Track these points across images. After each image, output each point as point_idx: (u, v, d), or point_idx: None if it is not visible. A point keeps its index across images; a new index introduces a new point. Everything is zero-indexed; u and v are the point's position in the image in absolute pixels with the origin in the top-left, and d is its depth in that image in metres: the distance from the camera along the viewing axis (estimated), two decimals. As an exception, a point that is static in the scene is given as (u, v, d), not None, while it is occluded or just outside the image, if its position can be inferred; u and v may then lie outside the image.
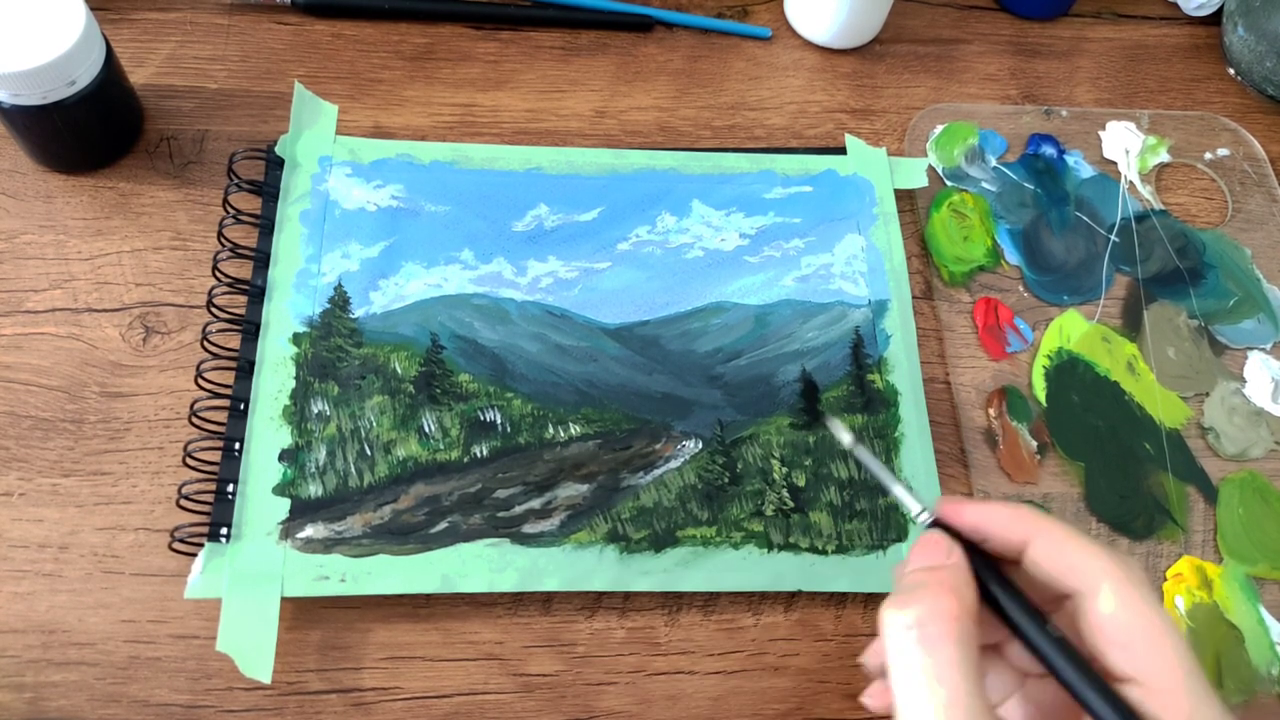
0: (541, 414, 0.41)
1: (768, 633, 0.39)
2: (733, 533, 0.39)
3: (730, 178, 0.48)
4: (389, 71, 0.50)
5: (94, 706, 0.34)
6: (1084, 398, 0.44)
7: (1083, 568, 0.27)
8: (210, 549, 0.36)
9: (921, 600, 0.27)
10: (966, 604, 0.27)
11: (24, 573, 0.36)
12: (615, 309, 0.44)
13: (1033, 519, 0.29)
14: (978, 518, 0.29)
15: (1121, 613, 0.26)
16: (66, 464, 0.38)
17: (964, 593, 0.27)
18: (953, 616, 0.26)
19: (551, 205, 0.46)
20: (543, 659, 0.37)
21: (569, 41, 0.53)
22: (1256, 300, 0.48)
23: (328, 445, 0.39)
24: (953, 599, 0.27)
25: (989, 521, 0.29)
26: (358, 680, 0.36)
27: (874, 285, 0.45)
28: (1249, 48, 0.55)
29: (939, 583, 0.28)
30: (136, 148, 0.46)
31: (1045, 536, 0.28)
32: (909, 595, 0.27)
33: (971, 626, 0.27)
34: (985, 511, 0.29)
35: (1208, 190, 0.52)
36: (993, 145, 0.52)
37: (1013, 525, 0.29)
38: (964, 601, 0.27)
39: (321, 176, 0.44)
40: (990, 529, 0.29)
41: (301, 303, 0.41)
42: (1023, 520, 0.29)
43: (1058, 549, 0.28)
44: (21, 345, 0.40)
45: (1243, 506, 0.43)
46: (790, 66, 0.54)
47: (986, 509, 0.29)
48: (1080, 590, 0.27)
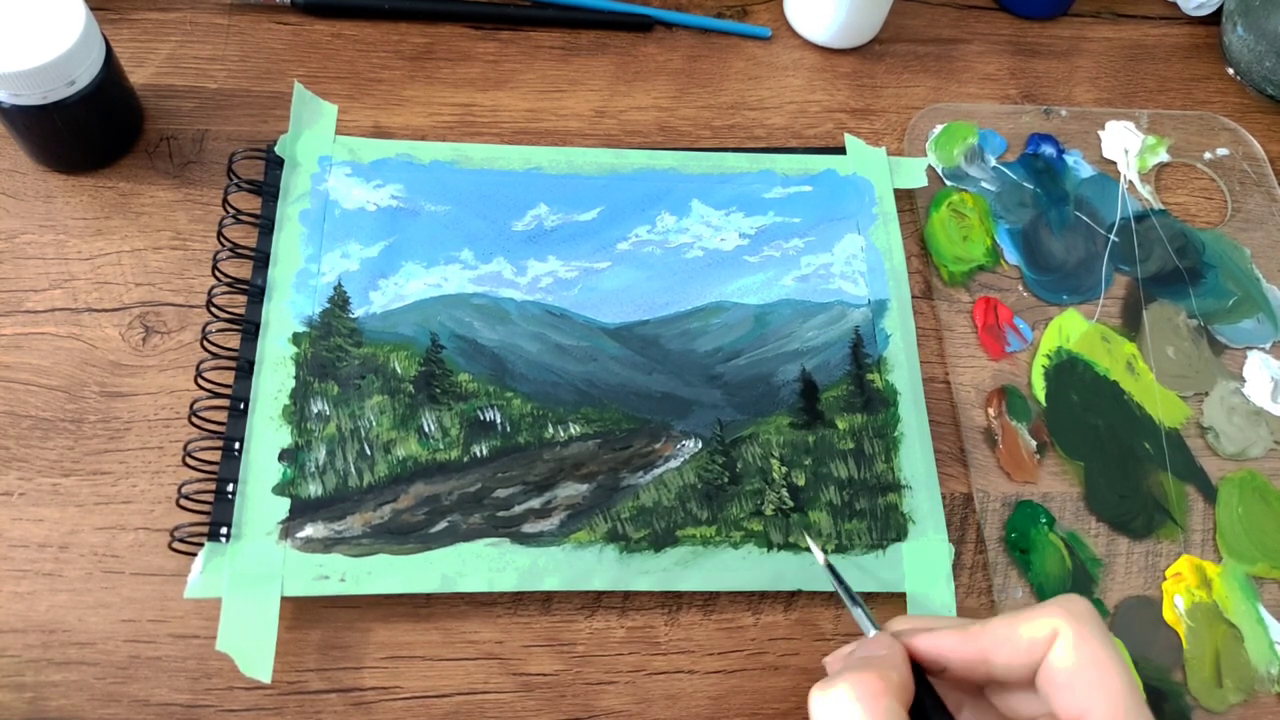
0: (541, 414, 0.41)
1: (767, 632, 0.39)
2: (732, 532, 0.39)
3: (730, 177, 0.48)
4: (389, 71, 0.50)
5: (94, 706, 0.34)
6: (1083, 397, 0.45)
7: (1038, 638, 0.28)
8: (210, 549, 0.36)
9: (847, 680, 0.27)
10: (894, 684, 0.27)
11: (24, 573, 0.36)
12: (615, 309, 0.44)
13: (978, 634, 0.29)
14: (932, 647, 0.29)
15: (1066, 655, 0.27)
16: (66, 464, 0.38)
17: (891, 675, 0.27)
18: (878, 693, 0.27)
19: (551, 205, 0.46)
20: (543, 659, 0.37)
21: (569, 41, 0.53)
22: (1256, 300, 0.48)
23: (328, 445, 0.39)
24: (877, 677, 0.27)
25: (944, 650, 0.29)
26: (358, 680, 0.36)
27: (874, 285, 0.46)
28: (1248, 47, 0.55)
29: (865, 664, 0.28)
30: (136, 148, 0.46)
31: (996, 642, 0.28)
32: (835, 676, 0.28)
33: (897, 705, 0.27)
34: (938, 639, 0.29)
35: (1207, 190, 0.52)
36: (992, 145, 0.52)
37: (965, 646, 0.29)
38: (891, 681, 0.27)
39: (321, 176, 0.45)
40: (946, 656, 0.29)
41: (301, 302, 0.41)
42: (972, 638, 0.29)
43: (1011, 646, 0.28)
44: (21, 345, 0.40)
45: (1242, 506, 0.43)
46: (790, 66, 0.54)
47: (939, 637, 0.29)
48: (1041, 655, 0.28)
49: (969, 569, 0.41)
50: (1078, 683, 0.27)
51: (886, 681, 0.27)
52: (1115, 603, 0.40)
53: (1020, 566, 0.40)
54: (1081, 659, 0.27)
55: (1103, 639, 0.28)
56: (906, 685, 0.28)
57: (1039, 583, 0.40)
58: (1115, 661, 0.27)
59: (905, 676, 0.28)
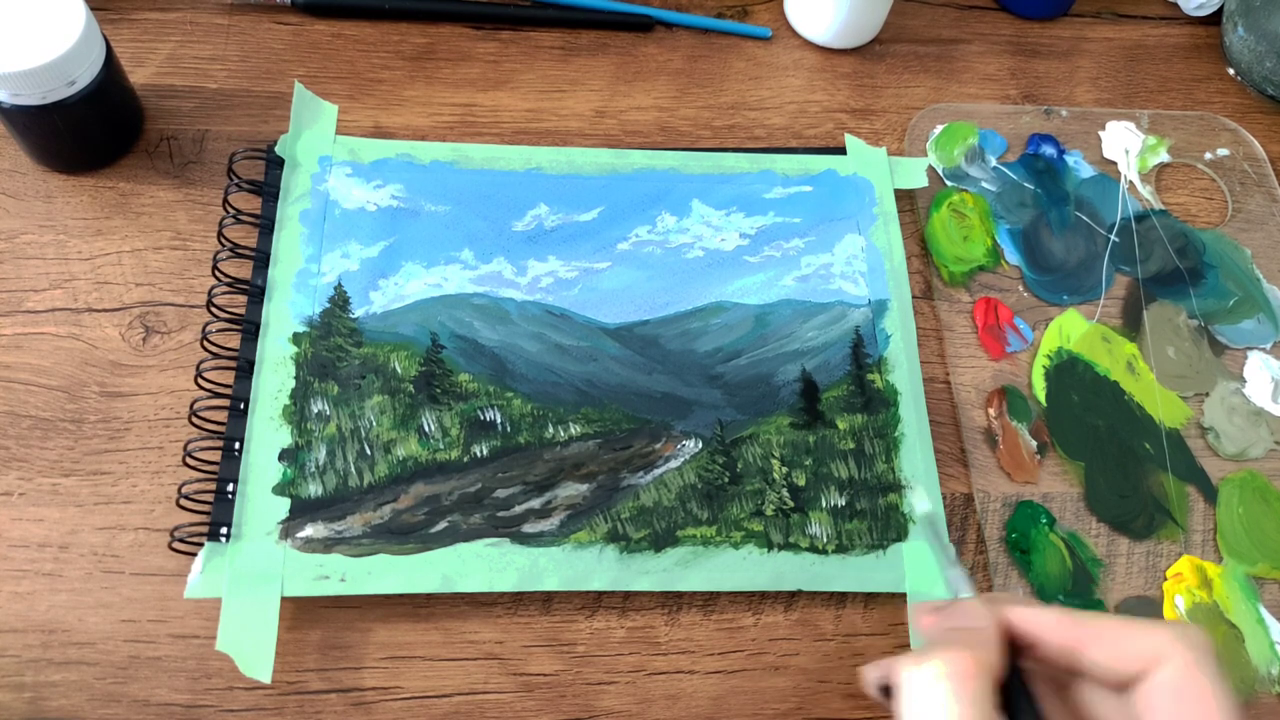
0: (541, 414, 0.41)
1: (768, 632, 0.39)
2: (733, 532, 0.39)
3: (730, 178, 0.48)
4: (389, 71, 0.50)
5: (94, 706, 0.34)
6: (1084, 397, 0.44)
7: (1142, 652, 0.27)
8: (210, 549, 0.36)
9: (941, 655, 0.26)
10: (985, 664, 0.27)
11: (24, 573, 0.36)
12: (615, 309, 0.44)
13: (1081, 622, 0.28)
14: (1030, 622, 0.29)
15: (1173, 683, 0.26)
16: (66, 464, 0.38)
17: (984, 654, 0.27)
18: (971, 674, 0.26)
19: (551, 205, 0.46)
20: (543, 659, 0.37)
21: (569, 41, 0.53)
22: (1256, 300, 0.48)
23: (328, 445, 0.39)
24: (969, 657, 0.26)
25: (1041, 627, 0.28)
26: (358, 680, 0.36)
27: (874, 285, 0.45)
28: (1249, 48, 0.55)
29: (961, 641, 0.27)
30: (136, 148, 0.46)
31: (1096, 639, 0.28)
32: (928, 651, 0.27)
33: (988, 686, 0.26)
34: (1038, 615, 0.29)
35: (1208, 190, 0.52)
36: (993, 145, 0.52)
37: (1061, 631, 0.28)
38: (983, 662, 0.26)
39: (321, 176, 0.45)
40: (1043, 635, 0.28)
41: (301, 302, 0.41)
42: (1071, 626, 0.28)
43: (1115, 647, 0.27)
44: (21, 345, 0.40)
45: (1242, 506, 0.43)
46: (790, 66, 0.54)
47: (1039, 613, 0.29)
48: (1142, 672, 0.27)
49: (969, 569, 0.41)
50: (1180, 716, 0.26)
51: (979, 663, 0.26)
52: (1115, 603, 0.40)
53: (1021, 567, 0.40)
54: (1189, 692, 0.26)
55: (1214, 677, 0.26)
56: (998, 664, 0.27)
57: (1039, 583, 0.40)
58: (1222, 702, 0.26)
59: (998, 655, 0.27)
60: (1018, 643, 0.29)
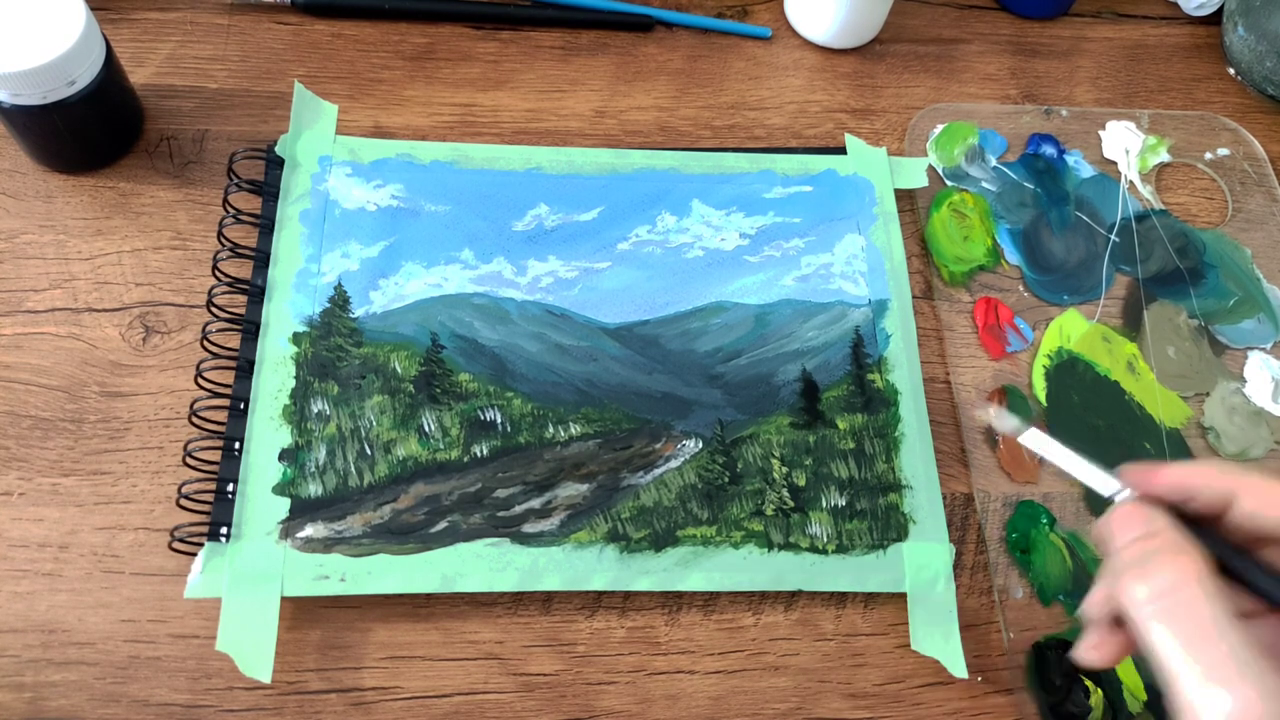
0: (541, 414, 0.41)
1: (768, 632, 0.39)
2: (733, 532, 0.39)
3: (730, 177, 0.48)
4: (389, 71, 0.50)
5: (94, 706, 0.34)
6: (1084, 397, 0.44)
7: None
8: (210, 549, 0.36)
9: (1160, 568, 0.26)
10: (1203, 561, 0.26)
11: (24, 573, 0.36)
12: (615, 309, 0.44)
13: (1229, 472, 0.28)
14: (1177, 477, 0.28)
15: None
16: (66, 464, 0.38)
17: (1192, 549, 0.26)
18: (1195, 577, 0.26)
19: (551, 205, 0.46)
20: (543, 659, 0.37)
21: (569, 41, 0.53)
22: (1256, 300, 0.48)
23: (328, 445, 0.39)
24: (1187, 559, 0.26)
25: (1191, 481, 0.28)
26: (358, 680, 0.36)
27: (874, 285, 0.45)
28: (1249, 47, 0.55)
29: (1167, 547, 0.27)
30: (136, 148, 0.46)
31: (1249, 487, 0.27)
32: (1144, 567, 0.26)
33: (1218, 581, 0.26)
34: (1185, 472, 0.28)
35: (1208, 190, 0.52)
36: (993, 145, 0.52)
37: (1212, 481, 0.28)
38: (1197, 556, 0.26)
39: (321, 176, 0.44)
40: (1193, 485, 0.28)
41: (301, 302, 0.41)
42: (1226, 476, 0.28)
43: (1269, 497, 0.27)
44: (21, 345, 0.40)
45: (1243, 506, 0.43)
46: (790, 66, 0.54)
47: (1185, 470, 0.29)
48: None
49: (970, 569, 0.41)
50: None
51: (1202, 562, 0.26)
52: (1116, 603, 0.40)
53: (1021, 567, 0.40)
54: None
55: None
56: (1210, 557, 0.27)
57: (1040, 583, 0.40)
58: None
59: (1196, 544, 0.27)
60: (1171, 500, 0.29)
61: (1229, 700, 0.23)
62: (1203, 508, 0.28)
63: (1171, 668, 0.25)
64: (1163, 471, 0.29)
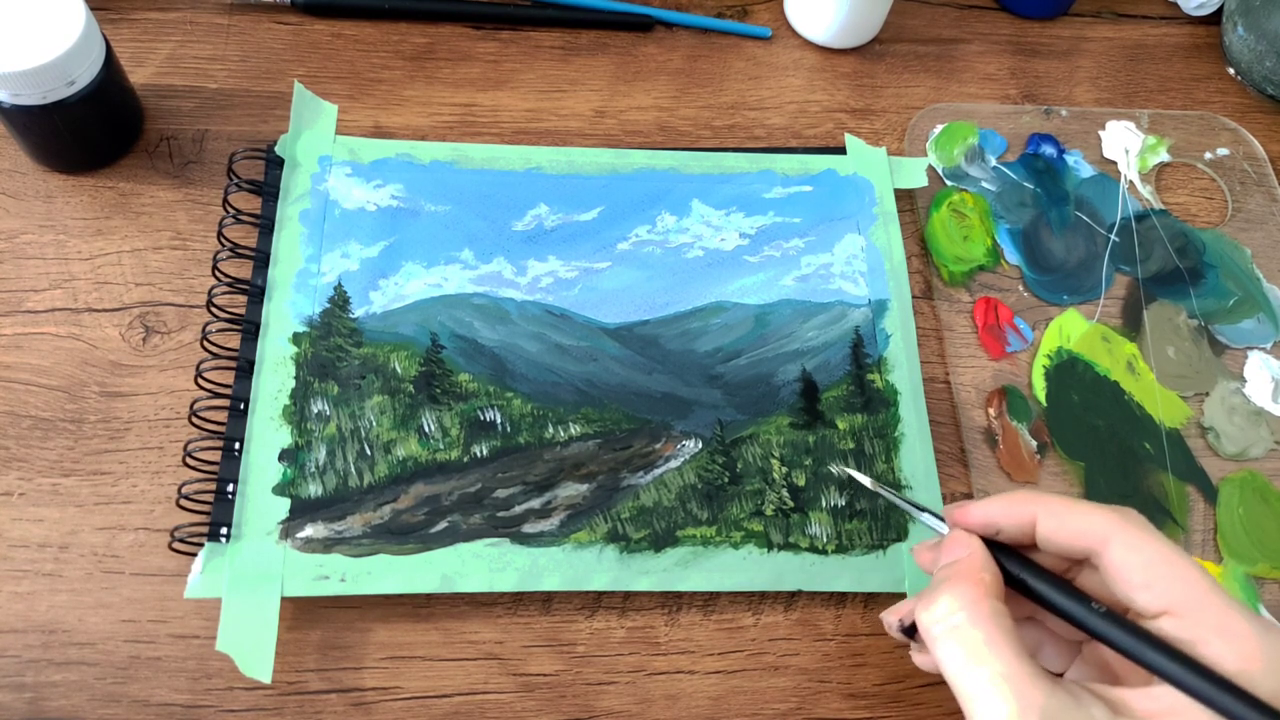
0: (541, 414, 0.41)
1: (768, 633, 0.39)
2: (733, 532, 0.39)
3: (730, 177, 0.48)
4: (389, 71, 0.50)
5: (94, 706, 0.34)
6: (1084, 397, 0.44)
7: (1088, 530, 0.29)
8: (210, 549, 0.36)
9: (943, 594, 0.29)
10: (988, 584, 0.29)
11: (24, 573, 0.36)
12: (615, 309, 0.44)
13: (1032, 499, 0.31)
14: (983, 514, 0.31)
15: (1134, 558, 0.28)
16: (66, 464, 0.38)
17: (981, 574, 0.29)
18: (978, 598, 0.28)
19: (551, 205, 0.46)
20: (543, 659, 0.37)
21: (569, 41, 0.53)
22: (1256, 300, 0.48)
23: (328, 445, 0.39)
24: (969, 583, 0.29)
25: (994, 514, 0.31)
26: (358, 680, 0.36)
27: (874, 285, 0.45)
28: (1249, 47, 0.55)
29: (957, 574, 0.30)
30: (136, 148, 0.46)
31: (1046, 512, 0.30)
32: (931, 594, 0.29)
33: (999, 603, 0.29)
34: (988, 506, 0.31)
35: (1208, 190, 0.52)
36: (993, 145, 0.52)
37: (1015, 510, 0.31)
38: (985, 582, 0.29)
39: (321, 176, 0.45)
40: (998, 520, 0.31)
41: (301, 302, 0.41)
42: (1023, 503, 0.30)
43: (1059, 520, 0.30)
44: (21, 345, 0.40)
45: (1242, 506, 0.43)
46: (790, 66, 0.54)
47: (988, 504, 0.31)
48: (1093, 550, 0.29)
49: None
50: (1153, 580, 0.28)
51: (983, 585, 0.29)
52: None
53: (1020, 567, 0.40)
54: (1147, 558, 0.28)
55: (1160, 537, 0.28)
56: (999, 580, 0.30)
57: (1039, 583, 0.40)
58: (1180, 554, 0.28)
59: (995, 572, 0.30)
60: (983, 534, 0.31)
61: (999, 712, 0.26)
62: (1009, 537, 0.31)
63: (955, 683, 0.28)
64: (971, 509, 0.32)
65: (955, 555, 0.31)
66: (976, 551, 0.30)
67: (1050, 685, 0.27)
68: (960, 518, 0.32)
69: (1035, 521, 0.30)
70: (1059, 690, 0.27)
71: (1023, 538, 0.31)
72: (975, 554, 0.30)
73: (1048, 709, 0.26)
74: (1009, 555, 0.31)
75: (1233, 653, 0.26)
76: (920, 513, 0.35)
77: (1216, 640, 0.26)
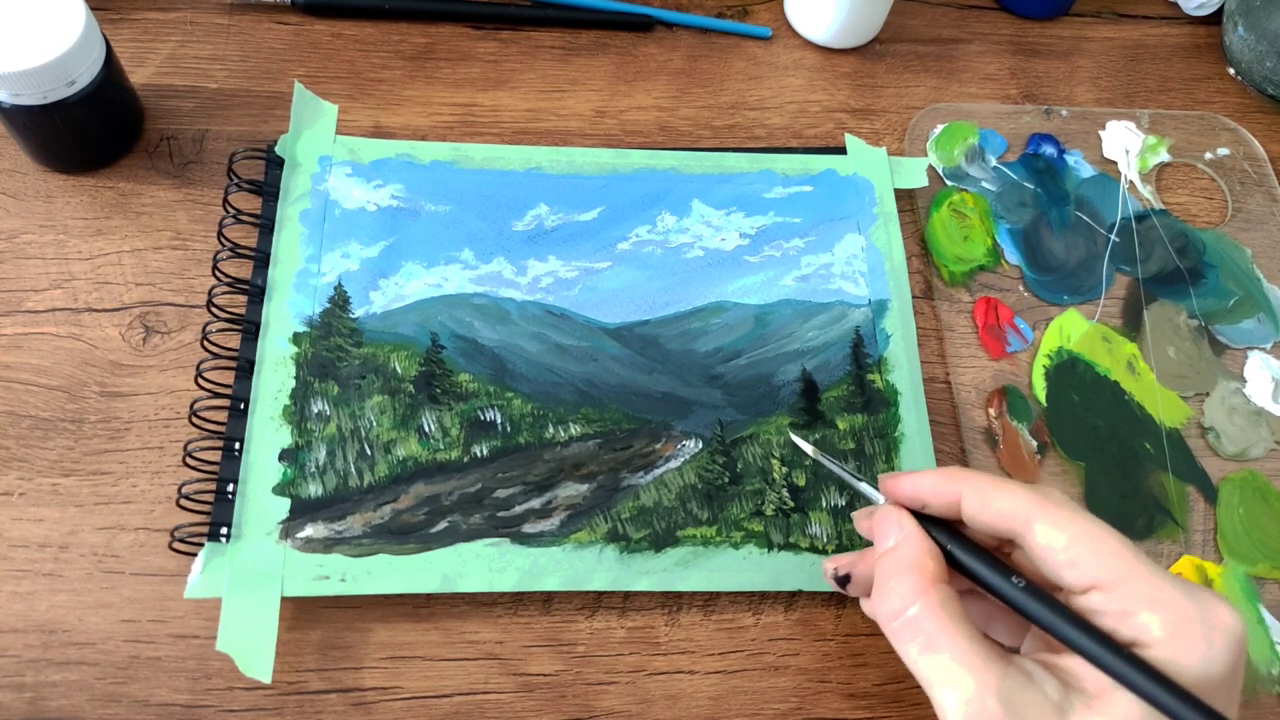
0: (541, 414, 0.41)
1: (768, 633, 0.39)
2: (733, 532, 0.39)
3: (730, 177, 0.48)
4: (389, 71, 0.50)
5: (94, 706, 0.34)
6: (1084, 397, 0.44)
7: (1010, 511, 0.29)
8: (210, 549, 0.36)
9: (893, 589, 0.29)
10: (932, 572, 0.29)
11: (24, 573, 0.36)
12: (615, 309, 0.44)
13: (959, 476, 0.31)
14: (913, 487, 0.32)
15: (1058, 536, 0.28)
16: (66, 464, 0.38)
17: (926, 562, 0.30)
18: (924, 590, 0.29)
19: (551, 205, 0.46)
20: (543, 659, 0.37)
21: (569, 41, 0.53)
22: (1257, 300, 0.48)
23: (328, 445, 0.39)
24: (916, 574, 0.29)
25: (923, 489, 0.31)
26: (358, 680, 0.36)
27: (874, 285, 0.45)
28: (1249, 47, 0.55)
29: (899, 565, 0.30)
30: (136, 148, 0.46)
31: (970, 491, 0.30)
32: (881, 589, 0.30)
33: (946, 586, 0.29)
34: (918, 480, 0.32)
35: (1208, 190, 0.52)
36: (993, 145, 0.52)
37: (942, 486, 0.31)
38: (928, 571, 0.29)
39: (321, 176, 0.44)
40: (925, 495, 0.31)
41: (301, 302, 0.41)
42: (951, 479, 0.31)
43: (983, 501, 0.30)
44: (21, 345, 0.40)
45: (1243, 506, 0.43)
46: (790, 66, 0.54)
47: (919, 477, 0.32)
48: (1017, 531, 0.29)
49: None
50: (1077, 557, 0.28)
51: (928, 574, 0.29)
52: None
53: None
54: (1071, 535, 0.28)
55: (1082, 513, 0.29)
56: (942, 564, 0.30)
57: (1039, 583, 0.40)
58: (1103, 528, 0.28)
59: (937, 556, 0.30)
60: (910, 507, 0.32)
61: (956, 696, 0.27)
62: (937, 512, 0.31)
63: (914, 671, 0.29)
64: (900, 481, 0.32)
65: (889, 536, 0.31)
66: (913, 534, 0.31)
67: (1004, 666, 0.27)
68: (892, 488, 0.32)
69: (958, 501, 0.30)
70: (1012, 669, 0.27)
71: (950, 513, 0.31)
72: (913, 537, 0.31)
73: (1003, 689, 0.27)
74: (938, 527, 0.31)
75: (1162, 620, 0.26)
76: (858, 482, 0.35)
77: (1144, 609, 0.27)
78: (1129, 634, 0.27)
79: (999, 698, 0.27)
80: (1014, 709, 0.26)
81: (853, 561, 0.34)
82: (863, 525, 0.35)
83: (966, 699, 0.27)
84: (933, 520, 0.31)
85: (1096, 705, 0.27)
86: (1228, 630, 0.26)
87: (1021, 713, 0.26)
